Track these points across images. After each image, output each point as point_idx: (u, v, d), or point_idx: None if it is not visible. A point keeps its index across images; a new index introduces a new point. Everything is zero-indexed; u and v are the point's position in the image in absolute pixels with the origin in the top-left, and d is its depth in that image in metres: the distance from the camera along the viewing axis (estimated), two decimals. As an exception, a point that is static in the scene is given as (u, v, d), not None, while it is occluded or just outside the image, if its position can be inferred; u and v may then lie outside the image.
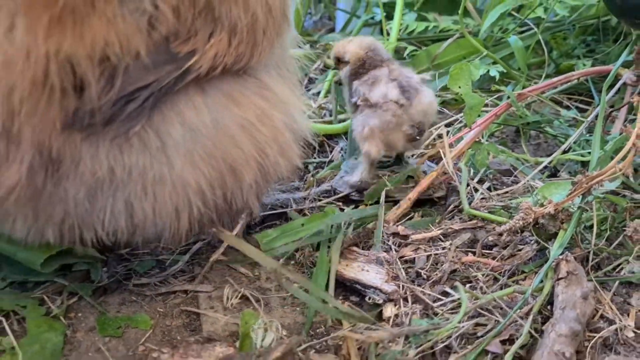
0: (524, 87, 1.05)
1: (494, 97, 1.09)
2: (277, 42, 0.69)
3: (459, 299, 0.68)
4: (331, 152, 1.10)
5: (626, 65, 1.05)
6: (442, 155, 0.88)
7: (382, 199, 0.84)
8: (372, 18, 1.36)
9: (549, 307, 0.67)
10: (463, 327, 0.63)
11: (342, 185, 0.90)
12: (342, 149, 1.09)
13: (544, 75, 1.19)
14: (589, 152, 0.91)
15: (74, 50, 0.53)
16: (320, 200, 0.92)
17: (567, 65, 1.21)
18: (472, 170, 0.92)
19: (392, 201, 0.88)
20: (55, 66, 0.53)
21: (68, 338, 0.68)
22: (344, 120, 1.12)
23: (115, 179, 0.61)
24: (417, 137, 0.86)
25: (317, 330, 0.69)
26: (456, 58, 1.16)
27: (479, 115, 0.90)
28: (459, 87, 0.85)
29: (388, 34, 1.28)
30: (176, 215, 0.65)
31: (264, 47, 0.66)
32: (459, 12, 1.08)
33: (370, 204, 0.88)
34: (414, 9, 1.36)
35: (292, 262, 0.80)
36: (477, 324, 0.65)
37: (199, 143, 0.61)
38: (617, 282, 0.72)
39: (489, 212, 0.82)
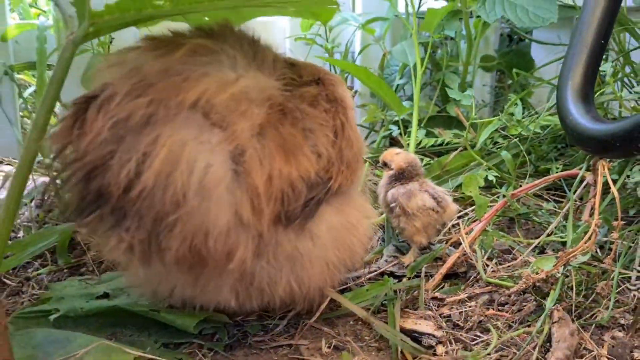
0: (514, 188, 1.41)
1: (495, 196, 1.44)
2: (359, 171, 1.05)
3: (487, 339, 0.99)
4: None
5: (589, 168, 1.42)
6: (462, 241, 1.21)
7: (423, 273, 1.16)
8: (390, 133, 1.74)
9: (548, 343, 0.98)
10: (492, 356, 0.94)
11: (397, 265, 1.23)
12: (379, 237, 1.42)
13: (527, 175, 1.56)
14: (566, 234, 1.25)
15: (295, 174, 0.85)
16: (371, 277, 1.24)
17: (544, 167, 1.58)
18: (482, 251, 1.25)
19: (426, 275, 1.21)
20: (289, 182, 0.85)
21: (217, 379, 0.98)
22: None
23: (294, 256, 0.91)
24: (441, 230, 1.22)
25: (389, 365, 0.99)
26: (460, 165, 1.53)
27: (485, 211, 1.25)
28: (470, 191, 1.19)
29: (401, 145, 1.66)
30: (322, 280, 0.97)
31: (358, 174, 1.01)
32: (465, 133, 1.46)
33: (410, 277, 1.20)
34: (421, 125, 1.74)
35: (360, 321, 1.11)
36: (501, 355, 0.96)
37: (332, 235, 0.94)
38: (593, 325, 1.03)
39: (500, 280, 1.14)
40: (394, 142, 1.84)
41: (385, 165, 1.27)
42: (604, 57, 1.14)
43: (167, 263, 0.83)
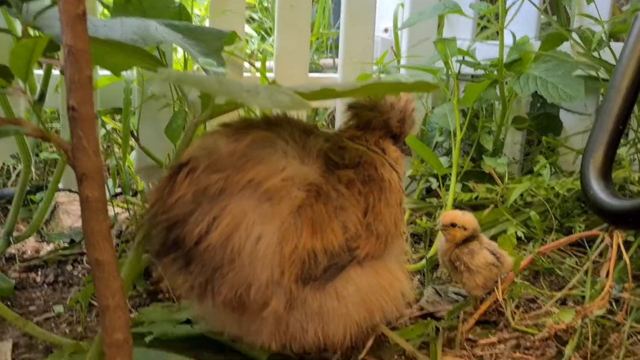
0: (541, 244, 1.59)
1: (523, 250, 1.63)
2: (395, 242, 1.20)
3: (514, 378, 1.18)
4: (410, 282, 1.61)
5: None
6: (495, 290, 1.39)
7: (461, 317, 1.35)
8: (430, 186, 1.94)
9: (566, 384, 1.16)
10: (518, 393, 1.13)
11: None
12: (418, 280, 1.61)
13: (553, 230, 1.73)
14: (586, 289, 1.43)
15: (319, 245, 1.04)
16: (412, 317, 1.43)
17: (568, 224, 1.76)
18: (511, 300, 1.43)
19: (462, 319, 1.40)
20: (311, 253, 1.03)
21: (285, 398, 1.17)
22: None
23: (321, 311, 1.09)
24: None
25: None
26: (493, 220, 1.72)
27: (514, 265, 1.44)
28: (505, 249, 1.38)
29: (439, 197, 1.86)
30: (344, 334, 1.12)
31: (390, 245, 1.17)
32: (497, 189, 1.65)
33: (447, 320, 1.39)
34: (458, 178, 1.93)
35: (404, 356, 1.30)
36: (525, 393, 1.14)
37: (360, 295, 1.10)
38: (606, 372, 1.21)
39: (526, 327, 1.33)
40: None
41: (453, 226, 1.38)
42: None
43: (217, 304, 1.04)
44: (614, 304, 1.41)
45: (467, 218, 1.37)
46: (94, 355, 0.99)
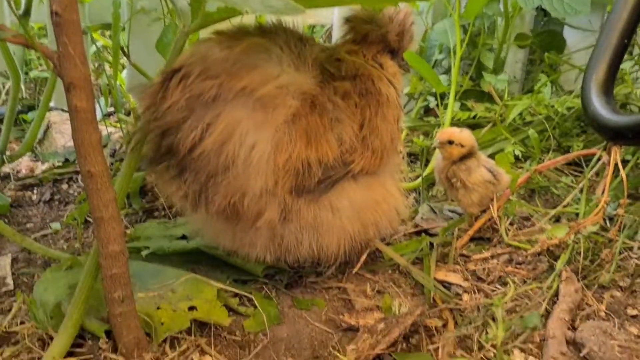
0: (538, 162, 1.58)
1: (519, 169, 1.62)
2: (391, 159, 1.19)
3: (504, 291, 1.19)
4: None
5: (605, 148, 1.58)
6: (490, 207, 1.39)
7: (455, 233, 1.36)
8: (428, 105, 1.91)
9: (555, 297, 1.18)
10: (508, 305, 1.15)
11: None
12: (414, 198, 1.62)
13: (550, 150, 1.72)
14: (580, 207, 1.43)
15: (313, 156, 1.04)
16: (407, 234, 1.45)
17: (566, 143, 1.75)
18: (506, 217, 1.44)
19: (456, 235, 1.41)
20: (305, 163, 1.02)
21: (280, 309, 1.19)
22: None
23: (315, 223, 1.10)
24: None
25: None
26: (491, 139, 1.70)
27: (510, 182, 1.43)
28: (502, 167, 1.38)
29: (437, 116, 1.83)
30: (338, 247, 1.14)
31: (386, 161, 1.16)
32: (496, 109, 1.62)
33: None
34: (456, 97, 1.90)
35: (397, 271, 1.32)
36: (515, 304, 1.16)
37: (354, 209, 1.10)
38: (595, 285, 1.22)
39: (519, 243, 1.34)
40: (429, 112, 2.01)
41: (450, 143, 1.34)
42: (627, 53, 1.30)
43: (210, 213, 1.04)
44: (607, 222, 1.42)
45: (465, 135, 1.35)
46: (91, 268, 0.99)
